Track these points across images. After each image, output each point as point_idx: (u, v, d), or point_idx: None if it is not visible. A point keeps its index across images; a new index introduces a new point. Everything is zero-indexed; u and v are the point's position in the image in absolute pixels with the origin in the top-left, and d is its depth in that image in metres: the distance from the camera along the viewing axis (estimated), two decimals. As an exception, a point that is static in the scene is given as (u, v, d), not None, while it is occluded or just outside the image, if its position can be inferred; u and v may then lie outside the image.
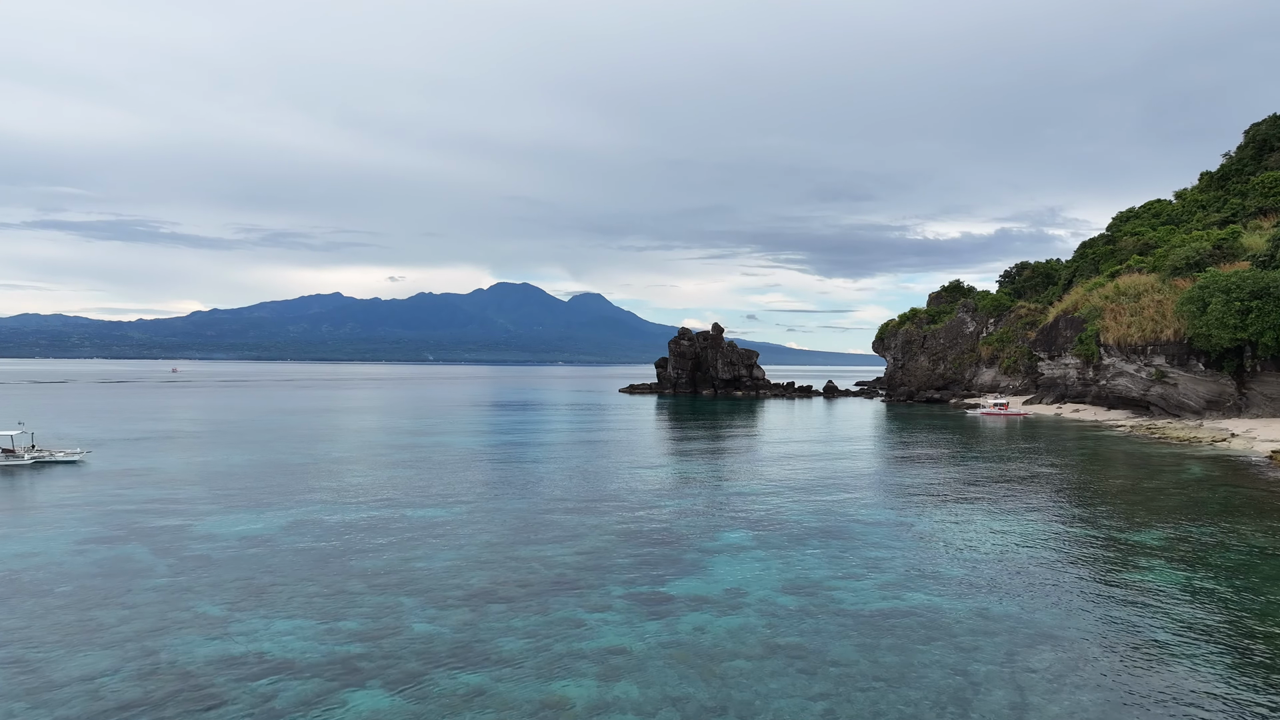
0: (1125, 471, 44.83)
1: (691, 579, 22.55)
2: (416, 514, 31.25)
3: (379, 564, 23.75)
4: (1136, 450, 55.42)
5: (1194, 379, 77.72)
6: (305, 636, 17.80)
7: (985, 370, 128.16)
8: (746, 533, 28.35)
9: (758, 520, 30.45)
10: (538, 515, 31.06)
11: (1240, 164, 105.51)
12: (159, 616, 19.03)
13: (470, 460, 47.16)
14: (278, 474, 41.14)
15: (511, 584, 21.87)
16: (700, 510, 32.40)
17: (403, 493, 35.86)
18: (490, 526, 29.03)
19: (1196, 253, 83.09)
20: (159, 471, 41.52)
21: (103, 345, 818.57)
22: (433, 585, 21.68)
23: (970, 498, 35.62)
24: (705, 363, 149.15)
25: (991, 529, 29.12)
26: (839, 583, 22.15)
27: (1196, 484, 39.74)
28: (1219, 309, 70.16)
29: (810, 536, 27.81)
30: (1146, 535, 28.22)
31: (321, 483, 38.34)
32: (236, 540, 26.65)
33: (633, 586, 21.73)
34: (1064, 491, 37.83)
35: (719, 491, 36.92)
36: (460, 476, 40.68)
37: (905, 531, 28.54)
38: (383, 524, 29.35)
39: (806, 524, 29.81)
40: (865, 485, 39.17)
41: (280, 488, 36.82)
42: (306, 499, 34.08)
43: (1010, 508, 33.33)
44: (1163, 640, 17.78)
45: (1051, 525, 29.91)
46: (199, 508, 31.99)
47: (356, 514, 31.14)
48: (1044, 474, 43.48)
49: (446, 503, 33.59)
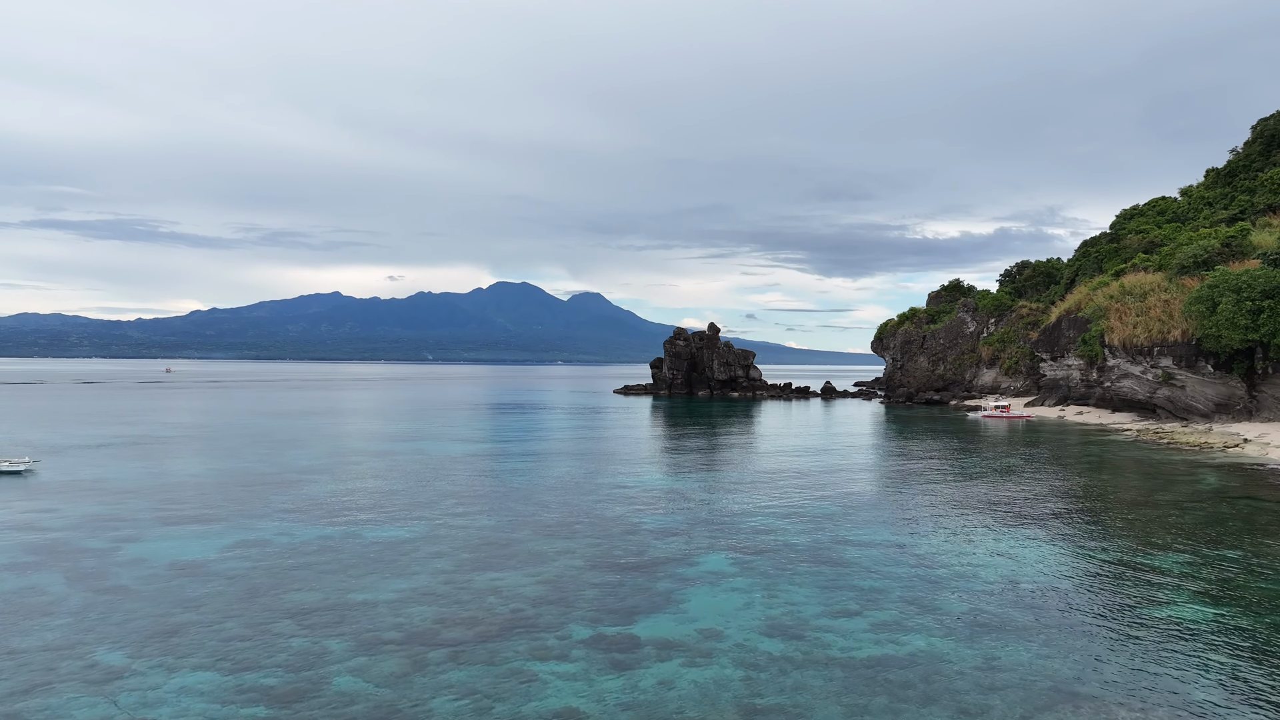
0: (1136, 482, 42.38)
1: (663, 615, 20.09)
2: (373, 534, 28.78)
3: (314, 598, 21.27)
4: (1145, 457, 52.98)
5: (1202, 381, 75.27)
6: (206, 694, 15.32)
7: (986, 371, 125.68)
8: (729, 556, 25.88)
9: (743, 541, 27.97)
10: (505, 535, 28.59)
11: (1248, 160, 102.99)
12: (44, 668, 16.55)
13: (445, 469, 44.70)
14: (237, 485, 38.65)
15: (460, 623, 19.40)
16: (681, 529, 29.93)
17: (364, 508, 33.38)
18: (450, 549, 26.55)
19: (1204, 251, 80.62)
20: (109, 483, 39.02)
21: (102, 345, 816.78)
22: (370, 625, 19.22)
23: (972, 514, 33.16)
24: (701, 363, 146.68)
25: (996, 552, 26.65)
26: (828, 622, 19.68)
27: (1214, 497, 37.28)
28: (1229, 309, 67.70)
29: (799, 561, 25.33)
30: (1167, 559, 25.75)
31: (280, 496, 35.87)
32: (166, 567, 24.18)
33: (596, 626, 19.27)
34: (1072, 507, 35.37)
35: (703, 507, 34.44)
36: (430, 489, 38.20)
37: (903, 555, 26.07)
38: (334, 546, 26.88)
39: (795, 546, 27.34)
40: (860, 500, 36.69)
41: (235, 502, 34.34)
42: (259, 515, 31.61)
43: (1015, 526, 30.87)
44: (1201, 701, 15.30)
45: (1061, 547, 27.44)
46: (137, 526, 29.50)
47: (308, 533, 28.67)
48: (1049, 486, 41.03)
49: (409, 520, 31.12)
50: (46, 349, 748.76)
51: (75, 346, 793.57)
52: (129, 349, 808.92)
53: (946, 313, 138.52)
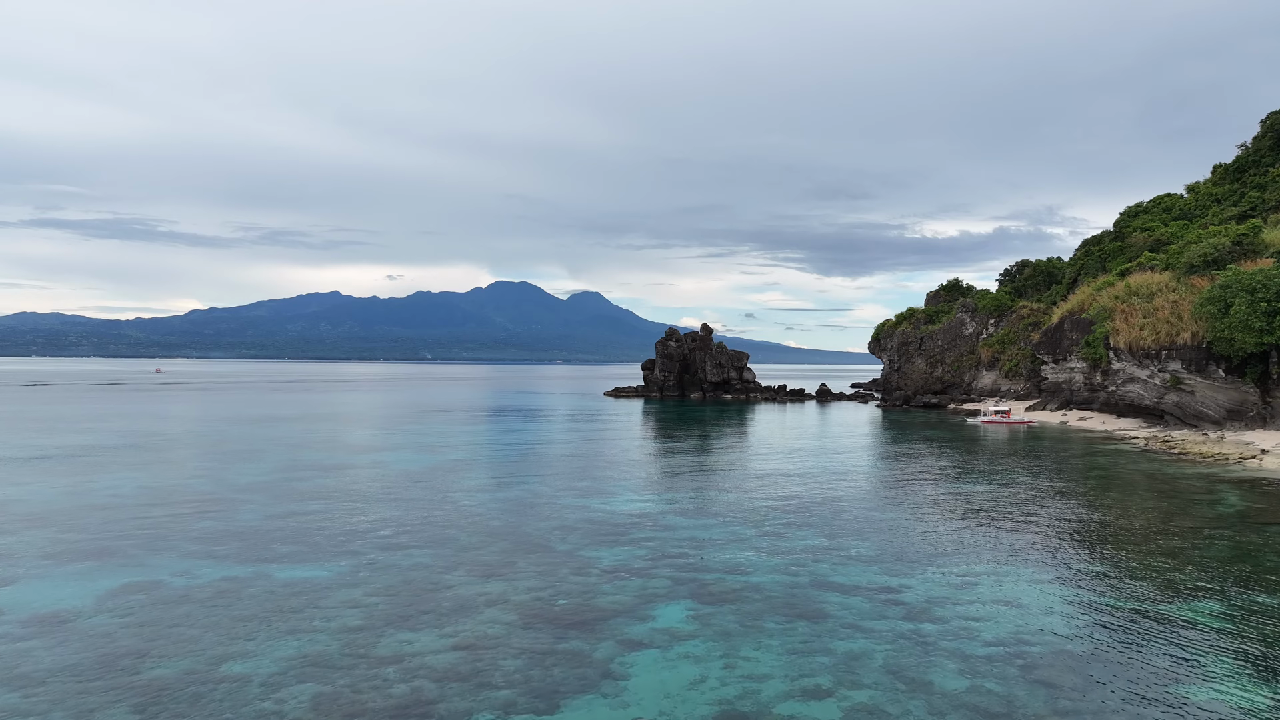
0: (1150, 503, 38.74)
1: (595, 698, 16.46)
2: (286, 574, 25.13)
3: (177, 670, 17.62)
4: (1157, 471, 49.35)
5: (1213, 386, 71.66)
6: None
7: (985, 373, 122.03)
8: (689, 607, 22.22)
9: (708, 584, 24.31)
10: (434, 577, 24.94)
11: (1258, 155, 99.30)
12: None
13: (397, 489, 41.05)
14: (160, 508, 34.97)
15: (339, 710, 15.77)
16: (639, 567, 26.28)
17: (288, 538, 29.71)
18: (366, 596, 22.90)
19: (1215, 249, 76.97)
20: (11, 506, 35.27)
21: (100, 344, 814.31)
22: (228, 713, 15.58)
23: (969, 549, 29.51)
24: (694, 365, 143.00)
25: (997, 599, 23.01)
26: (794, 707, 16.03)
27: (1238, 522, 33.63)
28: (1243, 310, 64.10)
29: (770, 612, 21.68)
30: (1197, 610, 22.10)
31: (201, 522, 32.20)
32: (21, 622, 20.52)
33: (508, 714, 15.64)
34: (1081, 537, 31.73)
35: (670, 537, 30.76)
36: (371, 513, 34.53)
37: (889, 605, 22.41)
38: (234, 590, 23.24)
39: (768, 590, 23.68)
40: (845, 528, 33.02)
41: (147, 529, 30.67)
42: (165, 548, 27.96)
43: (1018, 564, 27.24)
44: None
45: (1071, 594, 23.80)
46: (15, 564, 25.83)
47: (211, 572, 25.03)
48: (1054, 510, 37.40)
49: (333, 555, 27.47)
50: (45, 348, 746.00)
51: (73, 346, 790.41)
52: (127, 348, 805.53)
53: (945, 313, 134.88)
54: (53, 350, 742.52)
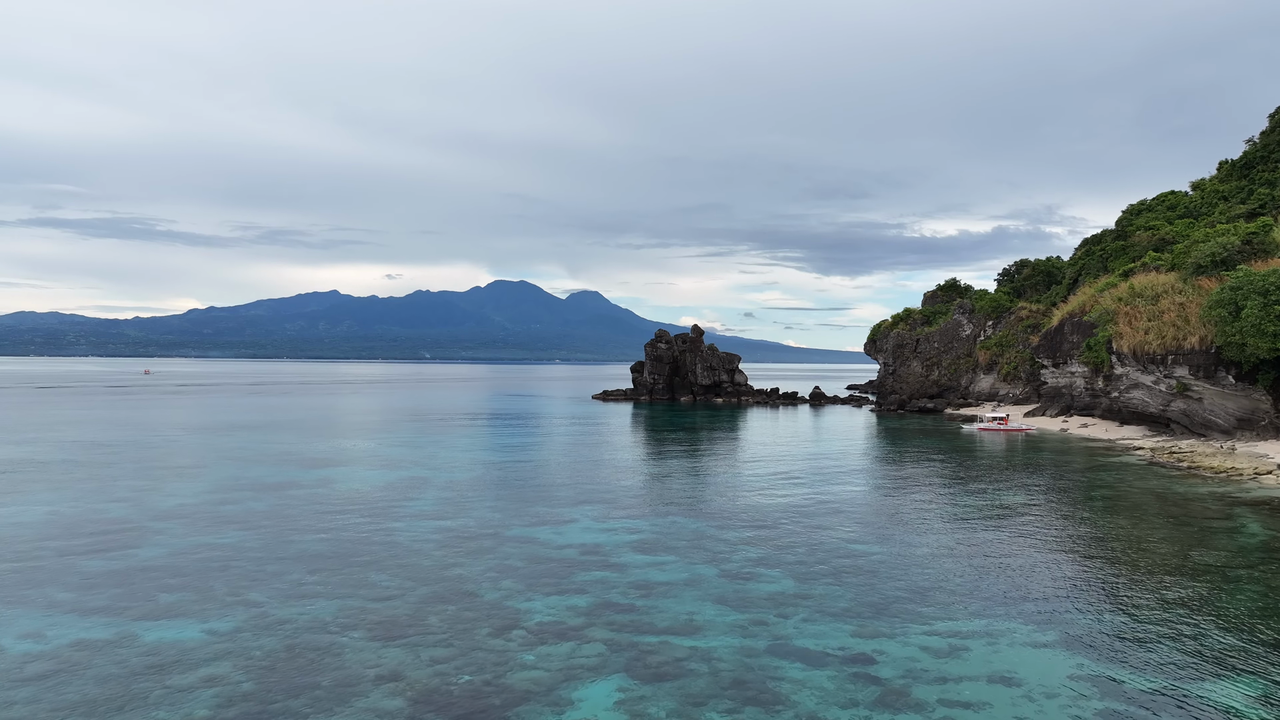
0: (1161, 530, 34.98)
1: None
2: (156, 634, 21.36)
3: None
4: (1166, 489, 45.62)
5: (1222, 394, 67.90)
6: None
7: (983, 377, 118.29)
8: (620, 686, 18.46)
9: (648, 652, 20.53)
10: (329, 639, 21.15)
11: (1266, 151, 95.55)
12: None
13: (330, 515, 37.26)
14: (57, 540, 31.18)
15: None
16: (574, 624, 22.49)
17: (179, 583, 25.91)
18: (237, 669, 19.12)
19: (1223, 248, 73.18)
20: (-110, 543, 31.49)
21: (99, 343, 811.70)
22: None
23: (960, 598, 25.74)
24: (684, 367, 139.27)
25: (991, 674, 19.23)
26: None
27: (1263, 556, 29.87)
28: (1255, 314, 60.32)
29: (714, 696, 17.92)
30: (1231, 690, 18.32)
31: (92, 562, 28.41)
32: None
33: None
34: (1089, 582, 27.95)
35: (617, 580, 26.96)
36: (289, 548, 30.72)
37: (860, 683, 18.63)
38: (84, 659, 19.45)
39: (718, 662, 19.90)
40: (819, 570, 29.24)
41: (27, 570, 26.88)
42: (32, 599, 24.18)
43: (1016, 620, 23.46)
44: None
45: (1079, 664, 20.02)
46: None
47: (70, 631, 21.26)
48: (1057, 543, 33.64)
49: (222, 605, 23.68)
50: (43, 347, 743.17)
51: (72, 345, 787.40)
52: (126, 347, 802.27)
53: (942, 314, 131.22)
54: (51, 349, 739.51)
